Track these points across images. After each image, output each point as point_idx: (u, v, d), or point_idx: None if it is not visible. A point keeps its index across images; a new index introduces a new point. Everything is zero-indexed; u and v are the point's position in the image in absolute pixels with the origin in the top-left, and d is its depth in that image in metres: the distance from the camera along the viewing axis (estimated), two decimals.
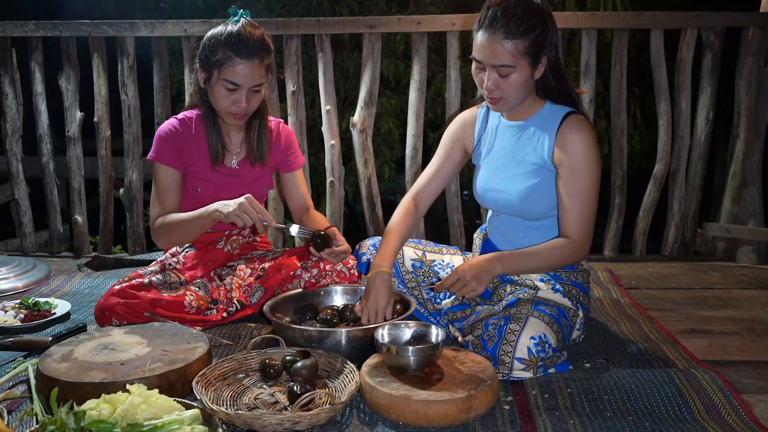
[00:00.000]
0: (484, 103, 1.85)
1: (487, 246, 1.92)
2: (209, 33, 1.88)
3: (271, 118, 2.11)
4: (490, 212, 1.95)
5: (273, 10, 5.15)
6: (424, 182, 1.91)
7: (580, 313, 1.76)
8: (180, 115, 2.02)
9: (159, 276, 1.93)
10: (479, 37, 1.62)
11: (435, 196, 1.93)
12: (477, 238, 2.02)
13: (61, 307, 2.07)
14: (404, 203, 1.89)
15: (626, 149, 2.88)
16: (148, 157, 1.99)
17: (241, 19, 1.89)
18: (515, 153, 1.77)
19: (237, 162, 2.04)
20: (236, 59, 1.82)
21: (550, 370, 1.60)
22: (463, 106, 2.80)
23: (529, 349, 1.55)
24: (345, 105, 4.89)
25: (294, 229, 1.87)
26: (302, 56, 2.86)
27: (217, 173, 2.01)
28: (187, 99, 2.10)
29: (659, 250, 2.95)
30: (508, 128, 1.79)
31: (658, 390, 1.49)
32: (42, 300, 2.08)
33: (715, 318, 2.07)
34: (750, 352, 1.79)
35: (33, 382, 1.46)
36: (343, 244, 1.90)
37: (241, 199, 1.78)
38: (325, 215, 2.97)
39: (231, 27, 1.85)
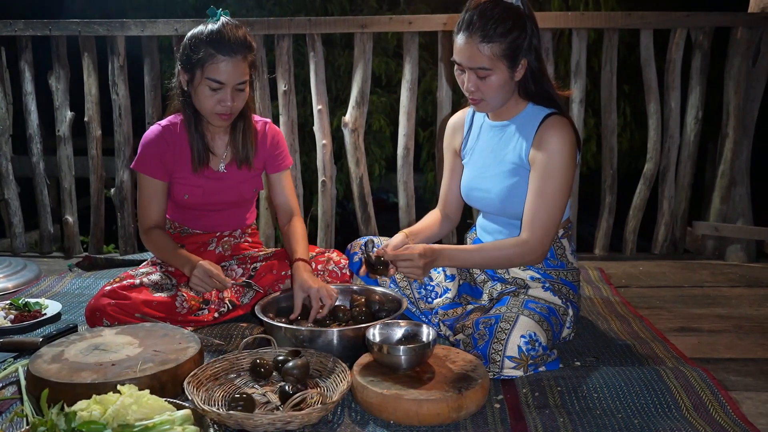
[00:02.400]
0: None
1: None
2: (189, 33, 1.85)
3: (257, 118, 2.08)
4: (480, 212, 1.96)
5: (265, 8, 5.14)
6: (444, 193, 2.00)
7: (570, 312, 1.77)
8: (164, 121, 1.99)
9: (150, 276, 1.92)
10: (458, 39, 1.64)
11: (461, 201, 1.98)
12: (468, 237, 2.03)
13: (52, 307, 2.06)
14: (430, 213, 2.01)
15: (616, 148, 2.90)
16: (131, 166, 1.97)
17: (221, 17, 1.88)
18: (497, 152, 1.78)
19: (224, 165, 2.01)
20: (219, 57, 1.80)
21: (541, 369, 1.61)
22: (455, 106, 2.82)
23: (519, 347, 1.56)
24: (336, 103, 4.89)
25: (248, 286, 1.89)
26: (293, 54, 2.86)
27: (204, 178, 1.99)
28: None
29: (649, 249, 2.97)
30: (492, 128, 1.81)
31: (647, 388, 1.50)
32: (32, 301, 2.07)
33: (704, 316, 2.09)
34: (738, 349, 1.81)
35: (23, 383, 1.46)
36: (316, 311, 1.80)
37: (195, 271, 1.80)
38: (317, 215, 2.98)
39: (211, 26, 1.84)
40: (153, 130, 1.98)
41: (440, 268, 1.93)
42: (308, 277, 1.81)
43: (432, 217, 2.00)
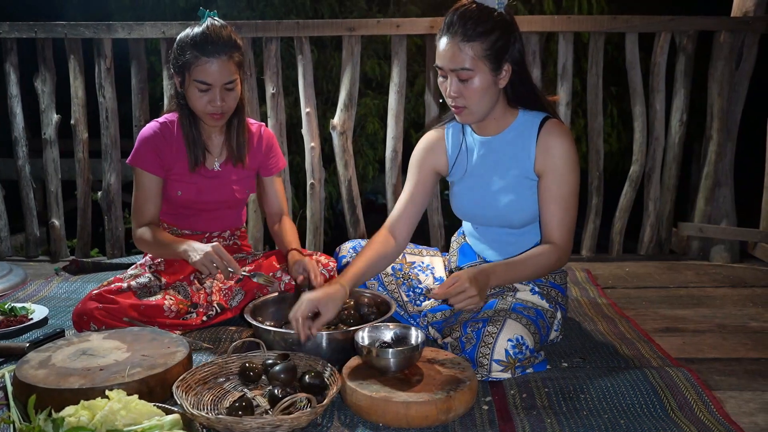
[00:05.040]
0: (449, 123, 1.84)
1: (464, 250, 1.94)
2: (178, 37, 1.89)
3: (252, 121, 2.13)
4: (468, 222, 1.95)
5: (256, 9, 5.14)
6: (398, 212, 1.84)
7: (558, 315, 1.79)
8: (162, 118, 2.02)
9: (138, 279, 1.92)
10: (440, 43, 1.63)
11: (413, 223, 1.85)
12: (454, 241, 2.03)
13: (38, 312, 2.04)
14: (377, 234, 1.82)
15: (603, 151, 2.93)
16: (128, 161, 1.99)
17: (208, 19, 1.90)
18: (495, 168, 1.76)
19: (219, 164, 2.04)
20: (203, 58, 1.83)
21: (528, 370, 1.62)
22: (443, 109, 2.83)
23: (506, 351, 1.57)
24: (328, 105, 4.89)
25: (260, 278, 1.89)
26: (285, 55, 2.86)
27: (198, 176, 2.01)
28: (166, 101, 2.11)
29: (635, 250, 3.00)
30: (485, 143, 1.78)
31: (633, 388, 1.52)
32: (18, 305, 2.05)
33: (689, 316, 2.11)
34: (722, 349, 1.83)
35: (10, 389, 1.45)
36: (318, 277, 1.84)
37: (208, 248, 1.79)
38: (305, 218, 2.98)
39: (197, 28, 1.87)
40: (150, 126, 2.00)
41: (428, 270, 1.94)
42: (304, 256, 1.92)
43: (381, 239, 1.81)
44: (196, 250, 1.81)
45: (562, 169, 1.68)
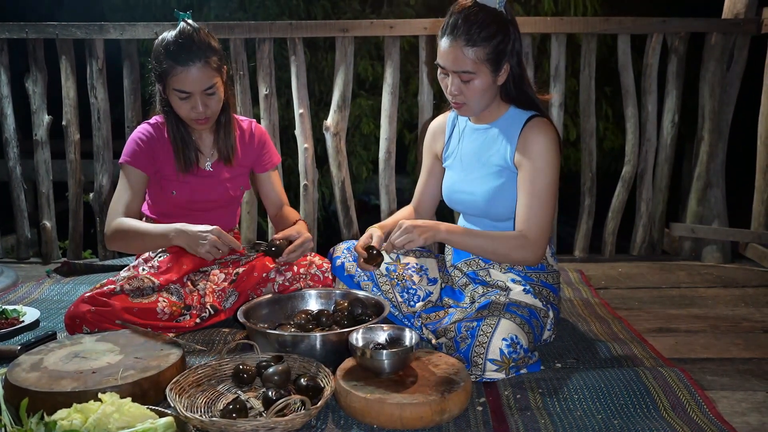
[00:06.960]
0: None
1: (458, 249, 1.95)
2: (155, 44, 1.86)
3: (243, 117, 2.13)
4: (460, 215, 1.98)
5: (248, 10, 5.12)
6: (419, 192, 2.04)
7: (551, 314, 1.79)
8: (152, 120, 2.02)
9: (131, 282, 1.91)
10: (442, 43, 1.67)
11: (434, 201, 2.04)
12: None
13: (30, 314, 2.03)
14: (404, 209, 2.05)
15: (596, 152, 2.94)
16: (120, 161, 1.98)
17: (181, 23, 1.87)
18: (480, 155, 1.81)
19: (211, 163, 2.04)
20: (178, 68, 1.80)
21: (522, 371, 1.63)
22: (436, 110, 2.84)
23: (501, 350, 1.57)
24: (321, 106, 4.89)
25: (261, 248, 1.93)
26: (278, 56, 2.85)
27: (191, 175, 2.01)
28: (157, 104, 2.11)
29: (628, 250, 3.01)
30: (474, 131, 1.84)
31: (626, 388, 1.53)
32: (9, 308, 2.04)
33: (682, 316, 2.13)
34: (714, 349, 1.85)
35: (1, 392, 1.44)
36: (302, 236, 1.91)
37: (207, 233, 1.77)
38: None
39: (170, 34, 1.84)
40: (142, 127, 2.01)
41: (422, 272, 1.94)
42: (305, 229, 1.98)
43: (405, 212, 2.02)
44: (192, 236, 1.77)
45: (540, 163, 1.70)
